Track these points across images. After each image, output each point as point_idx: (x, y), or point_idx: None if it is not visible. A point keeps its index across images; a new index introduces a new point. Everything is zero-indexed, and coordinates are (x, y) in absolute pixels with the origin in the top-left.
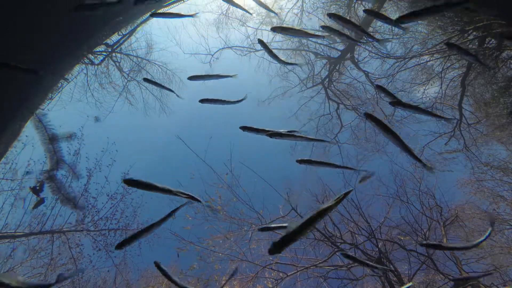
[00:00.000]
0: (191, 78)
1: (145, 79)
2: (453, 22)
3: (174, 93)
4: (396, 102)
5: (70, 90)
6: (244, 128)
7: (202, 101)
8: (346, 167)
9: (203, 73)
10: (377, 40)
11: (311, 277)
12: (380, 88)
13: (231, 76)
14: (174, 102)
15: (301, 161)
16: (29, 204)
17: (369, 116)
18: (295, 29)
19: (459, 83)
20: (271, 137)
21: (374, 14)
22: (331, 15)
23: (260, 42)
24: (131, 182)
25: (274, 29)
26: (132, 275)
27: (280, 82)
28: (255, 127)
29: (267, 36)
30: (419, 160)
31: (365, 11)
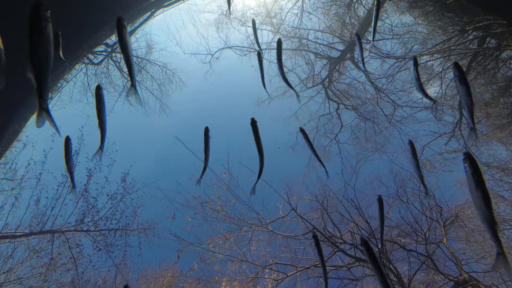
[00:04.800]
0: None
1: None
2: (453, 22)
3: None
4: None
5: (70, 90)
6: None
7: None
8: None
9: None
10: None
11: (311, 277)
12: None
13: None
14: (174, 102)
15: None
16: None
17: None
18: None
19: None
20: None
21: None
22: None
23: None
24: None
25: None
26: (132, 275)
27: (280, 82)
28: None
29: (267, 35)
30: None
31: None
